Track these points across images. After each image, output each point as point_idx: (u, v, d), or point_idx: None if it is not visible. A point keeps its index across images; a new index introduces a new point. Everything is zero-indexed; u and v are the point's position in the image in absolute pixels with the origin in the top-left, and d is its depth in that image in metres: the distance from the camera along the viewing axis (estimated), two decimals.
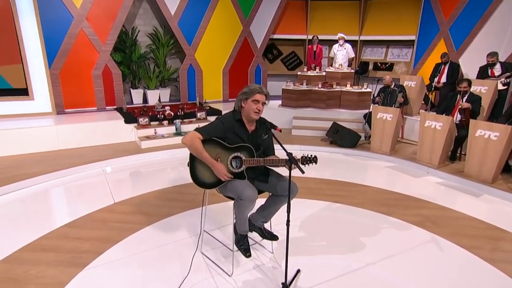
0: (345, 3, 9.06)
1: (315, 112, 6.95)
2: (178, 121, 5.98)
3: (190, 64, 7.80)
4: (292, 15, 9.13)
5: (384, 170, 5.09)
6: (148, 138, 5.63)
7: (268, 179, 2.54)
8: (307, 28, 9.29)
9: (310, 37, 8.30)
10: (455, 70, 6.46)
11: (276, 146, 2.50)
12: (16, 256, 2.72)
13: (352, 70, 7.60)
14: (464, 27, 7.04)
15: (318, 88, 7.10)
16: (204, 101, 7.37)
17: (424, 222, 3.38)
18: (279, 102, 7.52)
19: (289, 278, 2.34)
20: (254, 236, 2.86)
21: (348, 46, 7.70)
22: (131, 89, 7.56)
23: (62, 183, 4.28)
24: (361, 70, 9.09)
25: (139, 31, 7.49)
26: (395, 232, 3.22)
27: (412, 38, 8.29)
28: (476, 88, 5.44)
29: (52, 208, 3.74)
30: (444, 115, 4.85)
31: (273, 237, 2.68)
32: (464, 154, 4.97)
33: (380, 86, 6.42)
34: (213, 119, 3.21)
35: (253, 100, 2.37)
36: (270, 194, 2.58)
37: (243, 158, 2.40)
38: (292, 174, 2.17)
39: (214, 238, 2.98)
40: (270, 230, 2.75)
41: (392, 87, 6.11)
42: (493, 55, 5.60)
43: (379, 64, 9.13)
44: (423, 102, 6.71)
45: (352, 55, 7.87)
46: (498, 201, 4.02)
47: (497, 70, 5.66)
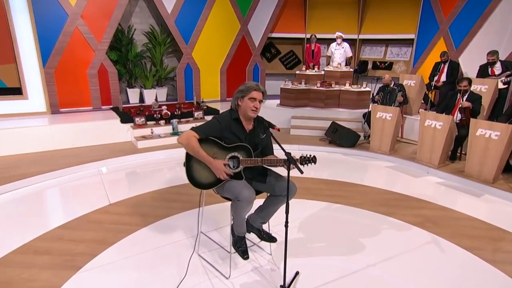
0: (344, 1, 9.04)
1: (313, 112, 6.93)
2: (175, 120, 5.96)
3: (187, 63, 7.77)
4: (291, 14, 9.12)
5: (383, 170, 5.08)
6: (144, 138, 5.61)
7: (266, 179, 2.51)
8: (306, 27, 9.30)
9: (309, 36, 8.29)
10: (454, 69, 6.46)
11: (275, 146, 2.48)
12: (8, 259, 2.67)
13: (351, 69, 7.59)
14: (464, 26, 7.04)
15: (317, 87, 7.08)
16: (201, 100, 7.37)
17: (424, 223, 3.37)
18: (278, 101, 7.51)
19: (287, 280, 2.32)
20: (252, 237, 2.83)
21: (346, 45, 7.68)
22: (127, 88, 7.54)
23: (57, 184, 4.24)
24: (360, 69, 9.10)
25: (135, 30, 7.46)
26: (395, 232, 3.20)
27: (412, 36, 8.30)
28: (476, 87, 5.44)
29: (46, 209, 3.69)
30: (444, 114, 4.83)
31: (271, 238, 2.65)
32: (465, 154, 4.97)
33: (379, 85, 6.40)
34: (210, 118, 3.16)
35: (249, 98, 2.34)
36: (268, 194, 2.55)
37: (241, 158, 2.37)
38: (290, 174, 2.15)
39: (211, 239, 2.96)
40: (268, 231, 2.72)
41: (391, 86, 6.09)
42: (493, 53, 5.59)
43: (378, 63, 9.13)
44: (423, 101, 6.71)
45: (350, 54, 7.85)
46: (499, 201, 4.01)
47: (497, 69, 5.65)
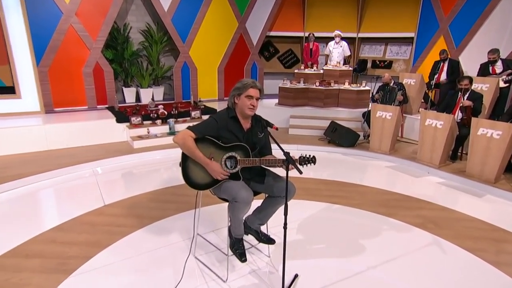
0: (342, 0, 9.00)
1: (312, 111, 6.91)
2: (171, 120, 5.91)
3: (184, 62, 7.72)
4: (289, 12, 9.08)
5: (383, 170, 5.05)
6: (140, 137, 5.56)
7: (264, 179, 2.48)
8: (304, 25, 9.28)
9: (307, 34, 8.25)
10: (455, 67, 6.43)
11: (273, 146, 2.46)
12: None
13: (350, 68, 7.57)
14: (464, 24, 7.03)
15: (316, 86, 7.07)
16: (198, 99, 7.33)
17: (425, 224, 3.35)
18: (276, 100, 7.50)
19: (286, 283, 2.31)
20: (250, 239, 2.80)
21: (344, 43, 7.65)
22: (123, 87, 7.49)
23: (51, 185, 4.19)
24: (359, 68, 9.09)
25: (131, 28, 7.40)
26: (396, 234, 3.17)
27: (411, 35, 8.28)
28: (477, 86, 5.41)
29: (39, 210, 3.64)
30: (445, 113, 4.79)
31: (269, 240, 2.63)
32: (466, 154, 4.96)
33: (379, 84, 6.37)
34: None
35: (246, 95, 2.31)
36: (267, 195, 2.52)
37: (238, 158, 2.34)
38: (289, 175, 2.11)
39: (208, 241, 2.93)
40: (266, 233, 2.69)
41: (391, 85, 6.07)
42: (494, 52, 5.56)
43: (378, 62, 9.13)
44: (423, 100, 6.70)
45: (348, 53, 7.82)
46: (501, 201, 3.98)
47: (498, 67, 5.62)
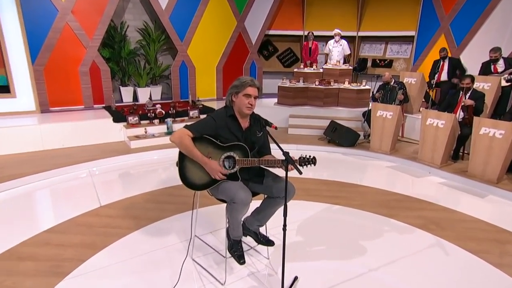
0: None
1: (312, 110, 6.89)
2: (169, 120, 5.87)
3: (182, 61, 7.67)
4: (288, 10, 9.04)
5: (384, 170, 5.03)
6: (138, 137, 5.54)
7: (263, 180, 2.44)
8: (304, 24, 9.24)
9: (307, 33, 8.20)
10: (457, 65, 6.39)
11: (272, 146, 2.42)
12: None
13: (350, 67, 7.55)
14: (465, 22, 7.01)
15: (315, 85, 7.05)
16: (197, 99, 7.30)
17: (427, 225, 3.31)
18: (275, 100, 7.47)
19: (286, 286, 2.29)
20: (248, 241, 2.76)
21: (344, 42, 7.63)
22: (120, 86, 7.45)
23: (46, 185, 4.15)
24: (359, 67, 9.08)
25: (128, 26, 7.35)
26: (397, 235, 3.14)
27: (412, 34, 8.25)
28: (479, 85, 5.37)
29: (34, 212, 3.59)
30: (446, 112, 4.76)
31: (268, 242, 2.59)
32: (467, 153, 4.92)
33: (379, 83, 6.35)
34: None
35: (244, 94, 2.28)
36: (266, 196, 2.49)
37: (237, 158, 2.30)
38: (288, 175, 2.08)
39: (206, 243, 2.89)
40: (265, 234, 2.65)
41: (392, 84, 6.04)
42: (496, 50, 5.52)
43: (378, 61, 9.11)
44: (424, 100, 6.66)
45: (348, 51, 7.79)
46: (504, 202, 3.95)
47: (500, 66, 5.59)
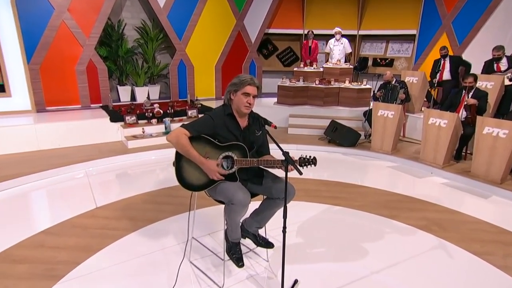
0: None
1: (312, 110, 6.86)
2: (167, 119, 5.84)
3: (181, 60, 7.64)
4: (288, 9, 9.01)
5: (385, 170, 5.00)
6: (135, 137, 5.50)
7: (262, 181, 2.41)
8: (304, 23, 9.21)
9: (307, 31, 8.17)
10: (459, 62, 6.34)
11: (272, 146, 2.38)
12: None
13: (351, 66, 7.52)
14: (467, 21, 6.98)
15: (316, 84, 7.02)
16: (195, 98, 7.28)
17: (429, 226, 3.28)
18: (275, 99, 7.45)
19: None
20: (247, 243, 2.73)
21: (345, 41, 7.60)
22: (118, 86, 7.42)
23: (42, 186, 4.11)
24: (360, 66, 9.07)
25: (126, 24, 7.33)
26: (400, 237, 3.11)
27: (413, 32, 8.22)
28: (481, 84, 5.32)
29: (28, 213, 3.54)
30: (449, 112, 4.71)
31: (268, 244, 2.57)
32: (470, 153, 4.88)
33: (380, 82, 6.32)
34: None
35: (243, 93, 2.23)
36: (265, 197, 2.45)
37: (235, 158, 2.26)
38: (288, 175, 2.03)
39: (204, 245, 2.84)
40: (265, 236, 2.63)
41: (393, 83, 6.01)
42: (499, 49, 5.48)
43: (379, 60, 9.09)
44: (425, 99, 6.62)
45: (349, 50, 7.77)
46: (507, 202, 3.92)
47: (503, 64, 5.54)
